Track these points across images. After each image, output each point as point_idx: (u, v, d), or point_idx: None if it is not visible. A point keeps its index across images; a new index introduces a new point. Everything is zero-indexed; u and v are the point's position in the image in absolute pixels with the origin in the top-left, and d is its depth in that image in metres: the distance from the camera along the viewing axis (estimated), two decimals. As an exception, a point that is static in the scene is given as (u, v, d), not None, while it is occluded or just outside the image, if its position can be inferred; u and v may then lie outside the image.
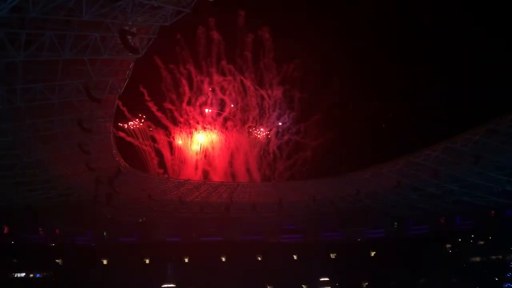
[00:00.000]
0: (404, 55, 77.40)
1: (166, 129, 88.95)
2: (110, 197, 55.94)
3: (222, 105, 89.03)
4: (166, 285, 57.82)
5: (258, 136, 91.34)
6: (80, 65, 31.13)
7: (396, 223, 74.36)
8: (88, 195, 56.77)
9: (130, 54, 30.36)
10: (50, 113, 36.49)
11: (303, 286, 68.84)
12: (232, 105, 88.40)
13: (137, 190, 62.71)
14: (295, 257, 76.24)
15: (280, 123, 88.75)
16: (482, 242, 58.11)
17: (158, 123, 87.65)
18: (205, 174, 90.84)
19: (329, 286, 65.27)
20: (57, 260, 64.92)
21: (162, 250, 69.79)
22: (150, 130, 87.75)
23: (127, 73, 35.54)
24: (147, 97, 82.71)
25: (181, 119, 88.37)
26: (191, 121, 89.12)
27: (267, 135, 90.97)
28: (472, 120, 47.58)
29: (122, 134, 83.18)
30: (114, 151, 49.88)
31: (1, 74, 29.02)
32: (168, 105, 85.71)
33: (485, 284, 51.13)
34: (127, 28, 27.84)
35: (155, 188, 63.92)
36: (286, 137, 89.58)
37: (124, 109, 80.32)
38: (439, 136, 50.58)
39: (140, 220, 71.51)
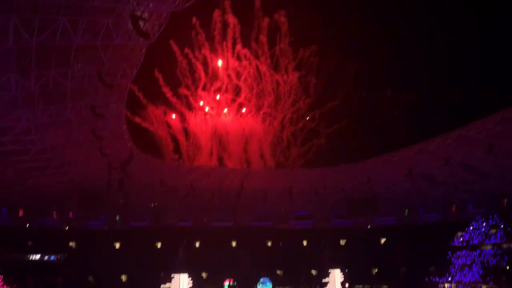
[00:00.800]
0: (422, 40, 76.25)
1: (181, 114, 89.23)
2: (123, 182, 56.60)
3: (237, 90, 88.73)
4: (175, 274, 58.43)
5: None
6: (93, 51, 31.31)
7: (407, 211, 74.11)
8: (101, 180, 57.49)
9: (141, 39, 30.44)
10: (63, 99, 36.85)
11: (312, 271, 69.35)
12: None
13: (149, 175, 63.37)
14: (304, 243, 76.65)
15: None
16: (494, 230, 57.69)
17: (173, 109, 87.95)
18: (220, 160, 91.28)
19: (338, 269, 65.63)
20: (70, 244, 66.04)
21: (173, 234, 70.59)
22: (165, 116, 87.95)
23: (139, 58, 35.67)
24: (162, 83, 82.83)
25: (196, 105, 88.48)
26: (206, 107, 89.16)
27: (281, 121, 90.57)
28: (486, 109, 47.01)
29: (138, 119, 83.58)
30: (126, 136, 50.28)
31: (15, 60, 29.32)
32: (183, 91, 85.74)
33: (496, 272, 50.93)
34: (138, 13, 27.87)
35: (167, 174, 64.53)
36: (300, 124, 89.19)
37: (139, 94, 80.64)
38: (453, 124, 50.18)
39: (152, 205, 72.20)
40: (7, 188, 54.27)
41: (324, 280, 65.71)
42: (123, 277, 62.92)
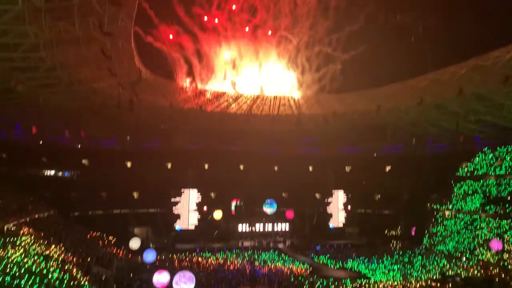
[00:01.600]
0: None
1: (194, 35, 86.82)
2: (132, 103, 56.95)
3: (253, 10, 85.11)
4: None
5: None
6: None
7: (414, 140, 74.45)
8: (112, 100, 57.89)
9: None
10: (71, 15, 36.02)
11: (316, 195, 71.75)
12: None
13: (159, 97, 63.57)
14: (310, 168, 78.43)
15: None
16: (499, 162, 58.12)
17: (186, 29, 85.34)
18: (233, 84, 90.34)
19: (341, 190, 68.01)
20: (83, 161, 68.13)
21: (183, 156, 72.35)
22: (178, 36, 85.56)
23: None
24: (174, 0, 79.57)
25: (210, 26, 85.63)
26: (220, 28, 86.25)
27: (297, 45, 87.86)
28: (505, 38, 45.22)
29: (150, 39, 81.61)
30: (136, 56, 49.73)
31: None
32: (197, 9, 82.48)
33: (496, 202, 52.15)
34: None
35: (176, 96, 64.66)
36: (317, 48, 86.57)
37: (151, 12, 77.88)
38: (471, 53, 48.60)
39: (162, 127, 73.14)
40: (19, 105, 54.98)
41: (327, 200, 68.42)
42: (135, 194, 65.71)
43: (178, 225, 61.68)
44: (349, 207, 68.34)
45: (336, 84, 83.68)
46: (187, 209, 62.91)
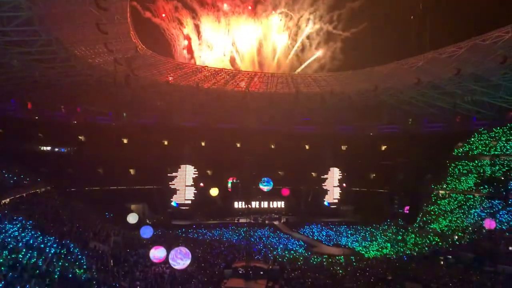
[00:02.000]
0: None
1: (193, 11, 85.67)
2: (129, 79, 56.60)
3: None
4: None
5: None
6: None
7: (411, 120, 74.53)
8: (108, 76, 57.45)
9: None
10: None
11: (312, 173, 72.21)
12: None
13: (156, 73, 63.07)
14: (307, 147, 78.68)
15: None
16: (494, 143, 58.45)
17: (185, 5, 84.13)
18: (232, 61, 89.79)
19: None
20: (80, 137, 67.94)
21: (180, 133, 72.26)
22: (177, 12, 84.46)
23: None
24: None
25: (209, 1, 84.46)
26: (219, 3, 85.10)
27: (297, 22, 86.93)
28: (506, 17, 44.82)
29: (148, 14, 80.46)
30: (132, 32, 49.11)
31: None
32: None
33: (490, 182, 52.70)
34: None
35: (173, 73, 64.16)
36: (317, 26, 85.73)
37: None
38: (469, 32, 48.16)
39: (159, 103, 72.80)
40: (14, 79, 54.47)
41: (323, 177, 69.03)
42: (131, 171, 65.90)
43: (174, 200, 62.09)
44: (344, 184, 68.92)
45: (336, 63, 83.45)
46: (184, 184, 63.32)
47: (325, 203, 68.08)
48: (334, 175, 69.37)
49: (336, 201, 68.57)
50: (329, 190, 68.79)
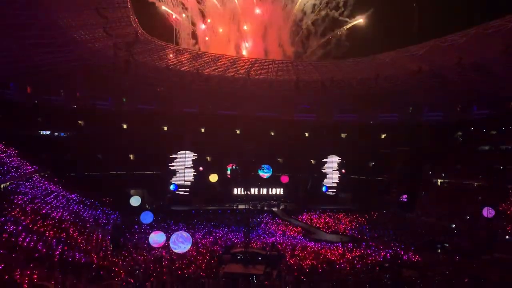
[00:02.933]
0: None
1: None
2: (128, 64, 56.32)
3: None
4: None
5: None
6: None
7: (411, 108, 74.38)
8: (107, 61, 57.13)
9: None
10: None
11: (311, 161, 72.32)
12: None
13: (156, 59, 62.70)
14: (306, 134, 78.70)
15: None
16: (494, 132, 58.47)
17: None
18: (237, 47, 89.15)
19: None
20: (79, 122, 67.82)
21: (179, 119, 72.18)
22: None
23: None
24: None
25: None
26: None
27: (303, 8, 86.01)
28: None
29: None
30: (132, 16, 48.72)
31: None
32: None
33: (488, 171, 52.84)
34: None
35: (172, 58, 63.79)
36: (323, 12, 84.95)
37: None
38: (472, 21, 47.83)
39: (158, 89, 72.52)
40: (14, 63, 54.14)
41: (323, 161, 69.01)
42: (131, 156, 65.94)
43: (174, 182, 62.09)
44: (343, 170, 68.88)
45: (341, 49, 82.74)
46: (184, 165, 63.25)
47: (323, 187, 67.74)
48: (333, 161, 69.28)
49: (335, 185, 68.38)
50: (328, 174, 68.64)
